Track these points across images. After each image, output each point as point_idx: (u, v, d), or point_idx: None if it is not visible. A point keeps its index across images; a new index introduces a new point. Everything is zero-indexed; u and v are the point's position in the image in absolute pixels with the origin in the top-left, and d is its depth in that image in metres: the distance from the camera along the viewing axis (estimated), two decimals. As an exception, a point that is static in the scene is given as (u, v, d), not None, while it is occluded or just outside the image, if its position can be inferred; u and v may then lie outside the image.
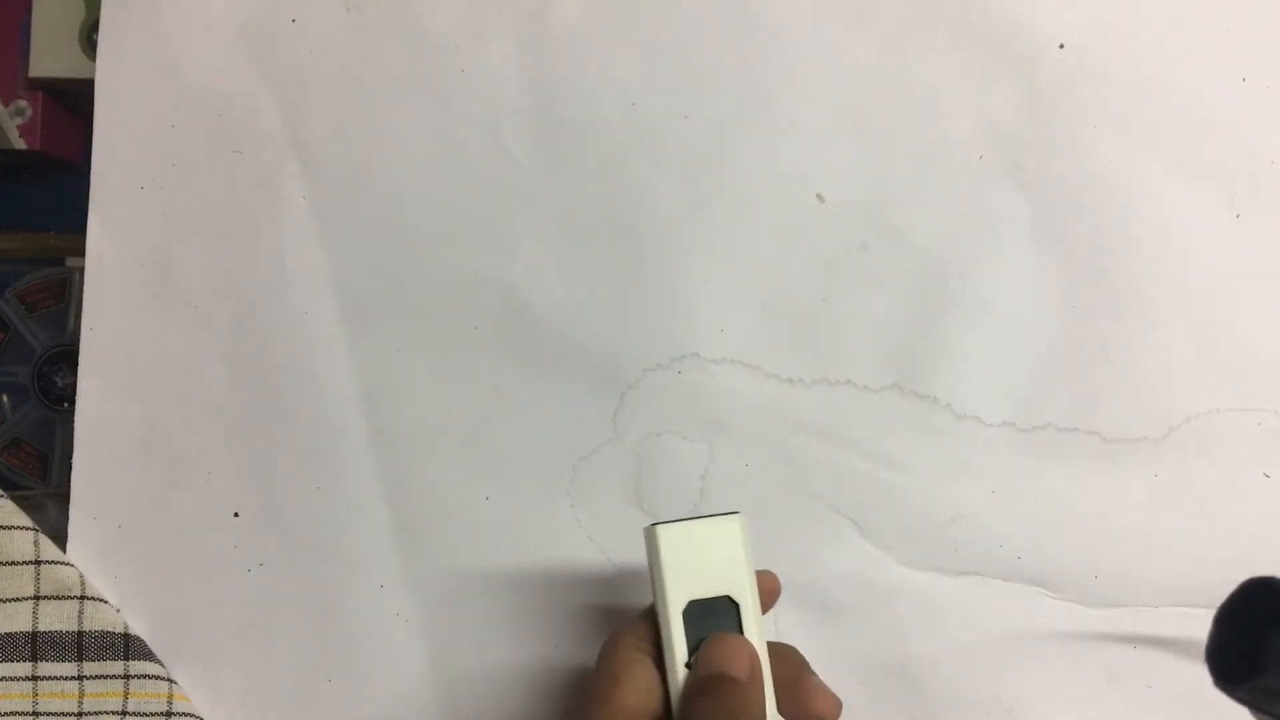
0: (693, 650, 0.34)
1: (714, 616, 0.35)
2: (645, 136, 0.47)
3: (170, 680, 0.45)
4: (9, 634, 0.45)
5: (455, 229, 0.47)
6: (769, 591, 0.38)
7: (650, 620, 0.36)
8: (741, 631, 0.35)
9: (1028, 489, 0.46)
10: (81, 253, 0.48)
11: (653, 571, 0.35)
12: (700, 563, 0.35)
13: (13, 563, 0.45)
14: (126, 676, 0.45)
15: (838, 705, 0.35)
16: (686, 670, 0.34)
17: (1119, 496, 0.46)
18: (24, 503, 0.46)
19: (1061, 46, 0.46)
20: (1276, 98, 0.46)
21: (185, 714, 0.45)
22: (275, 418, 0.47)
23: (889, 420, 0.46)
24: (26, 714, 0.44)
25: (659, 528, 0.35)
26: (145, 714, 0.45)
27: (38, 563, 0.45)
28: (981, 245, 0.46)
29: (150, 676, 0.45)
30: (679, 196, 0.47)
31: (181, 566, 0.46)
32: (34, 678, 0.45)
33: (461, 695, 0.46)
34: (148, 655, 0.45)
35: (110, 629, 0.45)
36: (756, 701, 0.33)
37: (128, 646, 0.45)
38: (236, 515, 0.47)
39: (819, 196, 0.47)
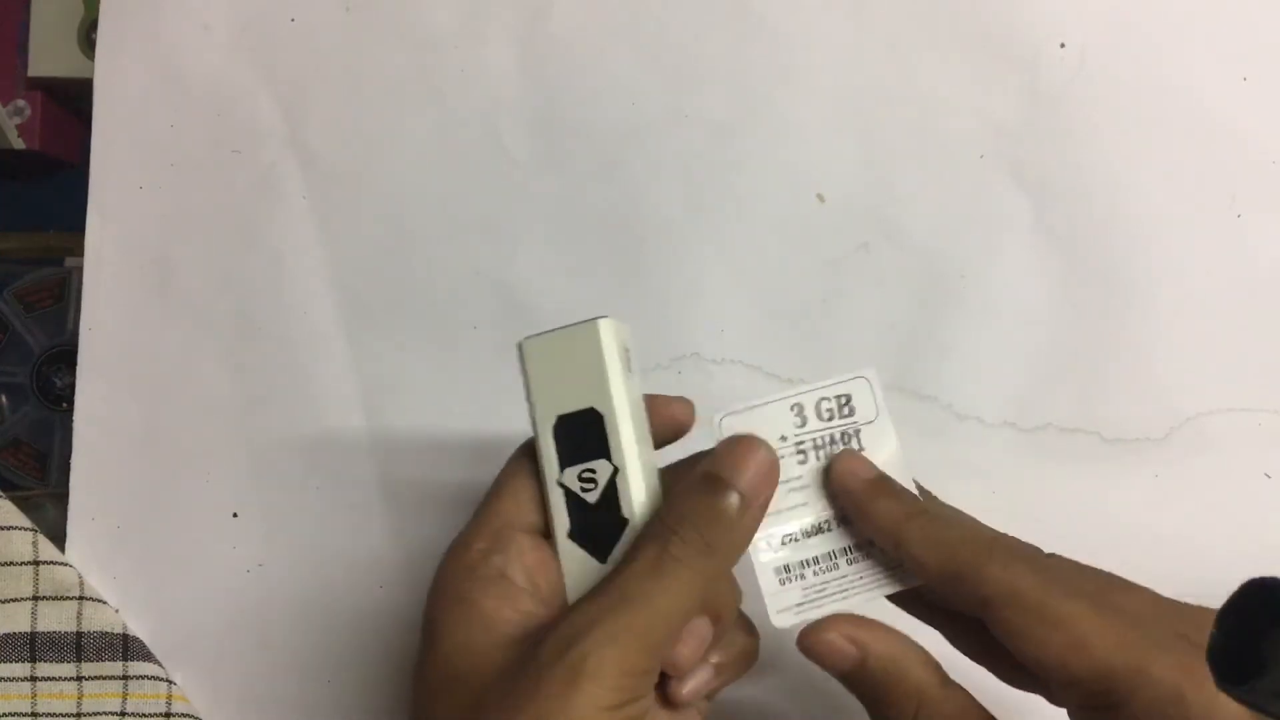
0: (564, 466, 0.33)
1: (582, 430, 0.33)
2: (645, 136, 0.47)
3: (169, 681, 0.45)
4: (8, 634, 0.44)
5: (455, 228, 0.47)
6: (672, 421, 0.35)
7: None
8: (609, 445, 0.33)
9: (1028, 489, 0.46)
10: (81, 253, 0.48)
11: (524, 387, 0.34)
12: (565, 375, 0.34)
13: (11, 563, 0.45)
14: (125, 677, 0.45)
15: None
16: (559, 488, 0.33)
17: (1119, 496, 0.46)
18: (23, 503, 0.46)
19: (1062, 46, 0.46)
20: (1276, 98, 0.46)
21: (184, 714, 0.45)
22: (275, 418, 0.47)
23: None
24: (25, 715, 0.44)
25: (526, 341, 0.34)
26: (144, 714, 0.45)
27: (36, 563, 0.45)
28: (982, 245, 0.46)
29: (149, 677, 0.45)
30: (679, 196, 0.47)
31: (181, 567, 0.46)
32: (33, 678, 0.45)
33: (461, 696, 0.46)
34: (147, 656, 0.45)
35: (109, 629, 0.45)
36: (742, 520, 0.31)
37: (126, 647, 0.45)
38: (236, 515, 0.47)
39: (819, 196, 0.47)
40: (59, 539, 0.46)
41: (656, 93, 0.47)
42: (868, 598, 0.34)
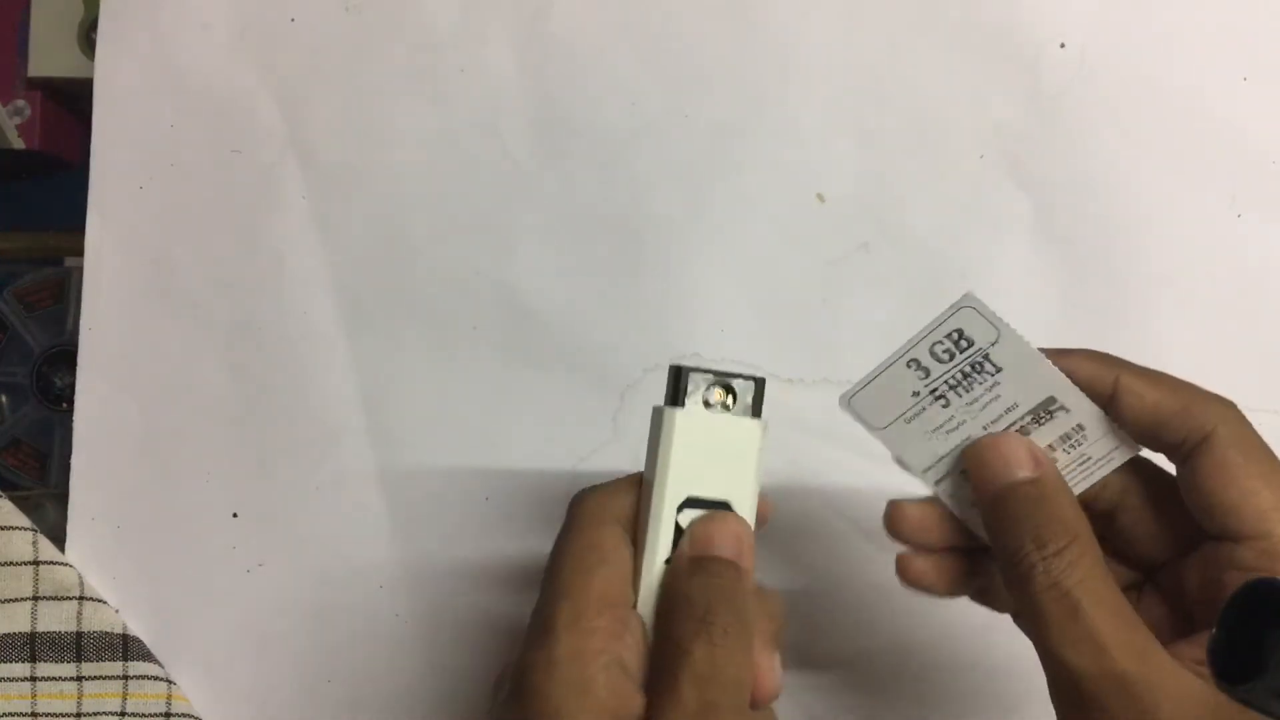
0: (675, 548, 0.32)
1: None
2: (645, 136, 0.47)
3: (169, 681, 0.45)
4: (8, 634, 0.44)
5: (455, 229, 0.47)
6: (759, 516, 0.35)
7: (632, 494, 0.33)
8: None
9: (1028, 489, 0.46)
10: (81, 253, 0.47)
11: (656, 454, 0.32)
12: (709, 459, 0.32)
13: (11, 563, 0.45)
14: (125, 677, 0.45)
15: (779, 689, 0.33)
16: (665, 568, 0.32)
17: (1119, 496, 0.45)
18: (23, 503, 0.46)
19: (1062, 46, 0.46)
20: (1276, 98, 0.46)
21: (184, 714, 0.45)
22: (275, 418, 0.47)
23: (889, 420, 0.46)
24: (25, 715, 0.44)
25: (679, 411, 0.32)
26: (144, 715, 0.45)
27: (36, 563, 0.45)
28: (982, 244, 0.46)
29: (149, 677, 0.45)
30: (679, 196, 0.47)
31: (181, 567, 0.46)
32: (33, 678, 0.45)
33: (461, 694, 0.46)
34: (146, 656, 0.45)
35: (109, 629, 0.45)
36: (747, 585, 0.31)
37: (126, 647, 0.45)
38: (235, 516, 0.47)
39: (819, 196, 0.47)
40: (59, 539, 0.46)
41: (657, 93, 0.47)
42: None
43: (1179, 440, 0.31)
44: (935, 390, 0.33)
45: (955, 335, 0.33)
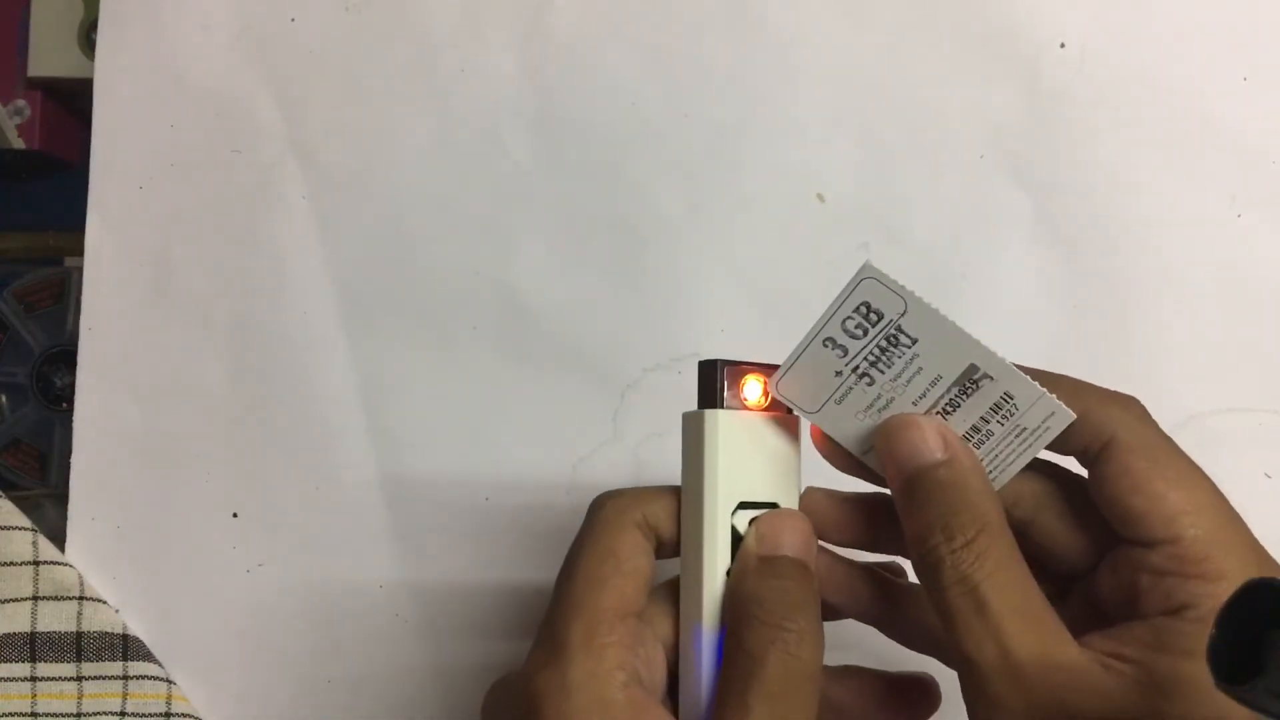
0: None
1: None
2: (645, 136, 0.47)
3: (169, 681, 0.45)
4: (8, 634, 0.44)
5: (455, 229, 0.47)
6: None
7: (660, 503, 0.32)
8: None
9: (1028, 489, 0.46)
10: (80, 253, 0.48)
11: (700, 462, 0.31)
12: (753, 461, 0.31)
13: (11, 563, 0.45)
14: (125, 677, 0.45)
15: None
16: (727, 579, 0.30)
17: (1119, 496, 0.45)
18: (23, 503, 0.46)
19: (1062, 46, 0.46)
20: (1276, 98, 0.46)
21: (184, 714, 0.45)
22: (275, 418, 0.47)
23: (889, 420, 0.46)
24: (25, 715, 0.44)
25: (720, 413, 0.31)
26: (144, 715, 0.45)
27: (36, 563, 0.45)
28: (982, 245, 0.46)
29: (149, 677, 0.45)
30: (679, 196, 0.47)
31: (181, 567, 0.46)
32: (33, 678, 0.45)
33: (461, 695, 0.46)
34: (146, 656, 0.45)
35: (109, 629, 0.45)
36: (816, 586, 0.31)
37: (126, 647, 0.45)
38: (235, 516, 0.47)
39: (819, 196, 0.47)
40: (59, 539, 0.46)
41: (656, 93, 0.47)
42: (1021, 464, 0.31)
43: (1081, 447, 0.30)
44: (857, 368, 0.31)
45: (863, 309, 0.31)
